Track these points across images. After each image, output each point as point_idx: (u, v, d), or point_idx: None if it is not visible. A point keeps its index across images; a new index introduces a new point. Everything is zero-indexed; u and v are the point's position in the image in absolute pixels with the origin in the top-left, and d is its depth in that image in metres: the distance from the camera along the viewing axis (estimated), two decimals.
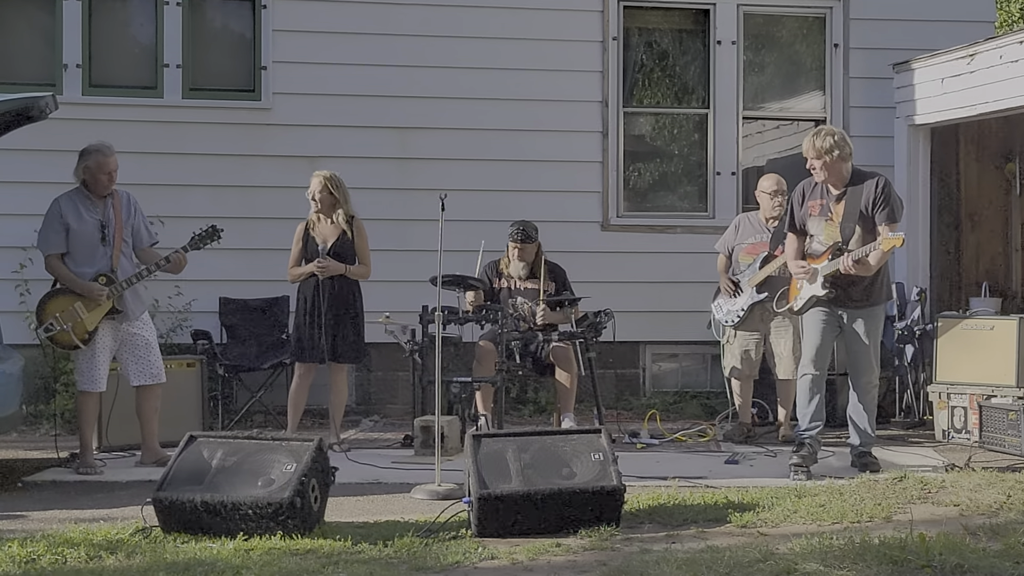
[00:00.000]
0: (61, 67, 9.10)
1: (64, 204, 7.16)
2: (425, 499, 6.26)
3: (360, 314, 7.89)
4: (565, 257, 8.56)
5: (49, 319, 7.05)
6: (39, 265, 7.29)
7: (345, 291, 7.80)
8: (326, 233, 7.83)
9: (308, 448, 5.51)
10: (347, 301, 7.81)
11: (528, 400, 9.38)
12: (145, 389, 7.33)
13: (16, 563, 4.87)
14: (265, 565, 4.77)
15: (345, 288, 7.80)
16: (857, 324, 7.02)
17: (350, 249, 7.83)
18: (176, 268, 7.36)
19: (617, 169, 9.77)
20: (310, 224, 7.88)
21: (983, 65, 8.68)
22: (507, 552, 5.05)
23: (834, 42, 9.99)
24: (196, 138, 9.20)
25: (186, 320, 8.98)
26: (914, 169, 9.52)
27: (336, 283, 7.76)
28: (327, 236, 7.81)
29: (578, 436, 5.86)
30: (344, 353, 7.85)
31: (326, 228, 7.84)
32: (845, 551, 4.86)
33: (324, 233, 7.83)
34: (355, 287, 7.88)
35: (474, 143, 9.48)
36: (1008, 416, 7.64)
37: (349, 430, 8.56)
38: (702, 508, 5.90)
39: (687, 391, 9.74)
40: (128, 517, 5.73)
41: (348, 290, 7.82)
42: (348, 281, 7.82)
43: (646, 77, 10.11)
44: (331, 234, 7.82)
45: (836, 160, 6.89)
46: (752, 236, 8.30)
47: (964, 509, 5.88)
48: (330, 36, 9.36)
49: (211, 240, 7.39)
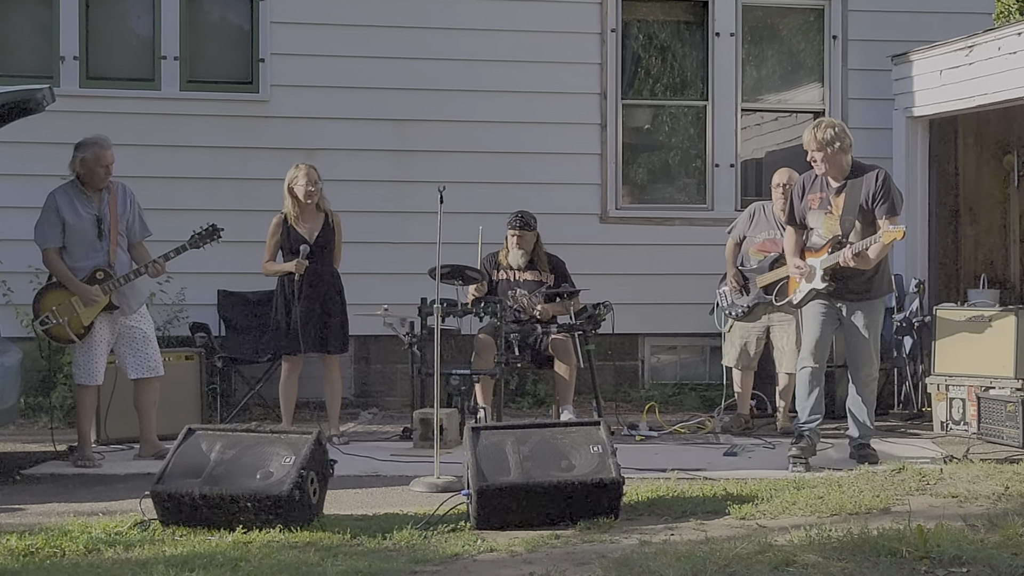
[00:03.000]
0: (58, 59, 9.08)
1: (60, 198, 7.13)
2: (424, 492, 6.26)
3: (345, 303, 7.88)
4: (564, 249, 8.55)
5: (46, 312, 7.04)
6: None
7: (329, 282, 7.77)
8: (311, 225, 7.78)
9: (307, 441, 5.51)
10: (333, 291, 7.79)
11: (527, 392, 9.38)
12: (143, 382, 7.33)
13: (14, 556, 4.87)
14: (264, 558, 4.77)
15: (328, 279, 7.77)
16: (856, 317, 7.02)
17: (332, 241, 7.83)
18: (154, 275, 7.33)
19: (616, 161, 9.76)
20: (289, 216, 7.79)
21: (981, 57, 8.67)
22: (506, 544, 5.05)
23: (832, 34, 9.98)
24: (194, 130, 9.18)
25: (184, 313, 8.97)
26: (912, 161, 9.51)
27: (320, 274, 7.72)
28: (312, 228, 7.78)
29: (577, 428, 5.86)
30: (334, 344, 7.82)
31: (311, 220, 7.79)
32: (844, 543, 4.86)
33: (309, 225, 7.78)
34: (338, 277, 7.87)
35: (472, 135, 9.47)
36: (1006, 407, 7.65)
37: (348, 422, 8.56)
38: (701, 500, 5.90)
39: (686, 383, 9.74)
40: (127, 510, 5.74)
41: (332, 280, 7.80)
42: (331, 271, 7.82)
43: (645, 69, 10.09)
44: (315, 226, 7.78)
45: (837, 152, 6.88)
46: (765, 231, 8.23)
47: (962, 500, 5.88)
48: (328, 28, 9.35)
49: (210, 239, 7.36)
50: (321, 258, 7.76)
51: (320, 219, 7.81)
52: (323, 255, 7.78)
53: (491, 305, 7.79)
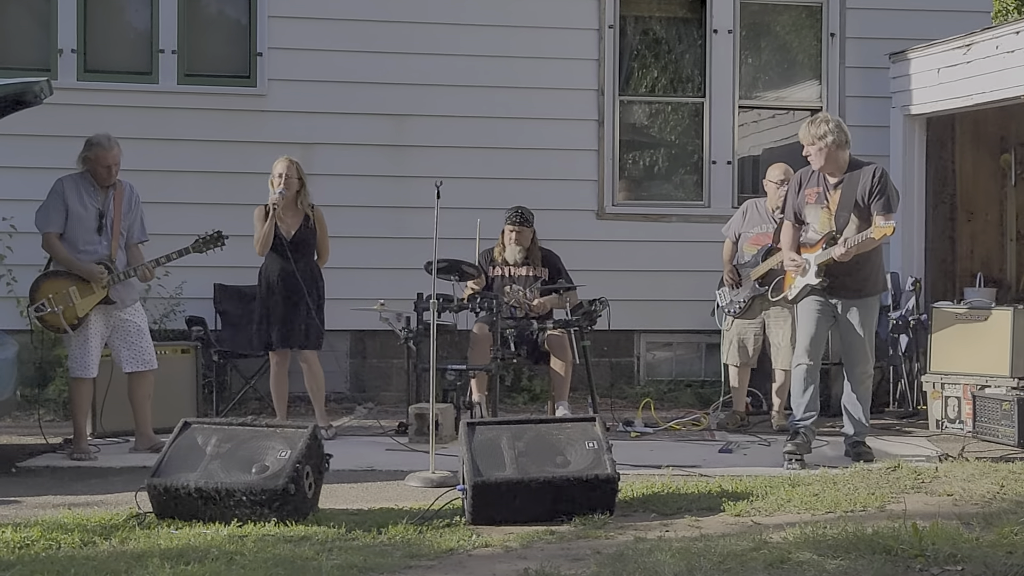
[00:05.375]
0: (56, 52, 9.07)
1: (67, 185, 7.15)
2: (419, 486, 6.26)
3: (322, 300, 7.83)
4: (560, 245, 8.56)
5: (41, 299, 7.02)
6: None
7: (306, 278, 7.70)
8: (289, 221, 7.72)
9: (303, 435, 5.51)
10: (312, 287, 7.72)
11: (523, 388, 9.38)
12: (137, 376, 7.32)
13: (10, 548, 4.87)
14: (259, 551, 4.77)
15: (306, 275, 7.71)
16: (851, 314, 7.02)
17: (312, 239, 7.79)
18: (142, 279, 7.35)
19: (613, 157, 9.76)
20: (270, 210, 7.70)
21: (979, 55, 8.68)
22: (501, 540, 5.05)
23: (830, 31, 9.98)
24: (191, 124, 9.17)
25: (180, 306, 8.96)
26: (910, 159, 9.52)
27: (297, 271, 7.66)
28: (290, 225, 7.71)
29: (572, 424, 5.87)
30: (308, 340, 7.76)
31: (288, 216, 7.72)
32: (838, 540, 4.86)
33: (287, 221, 7.71)
34: (318, 274, 7.84)
35: (470, 130, 9.46)
36: (1002, 406, 7.66)
37: (343, 417, 8.56)
38: (696, 497, 5.90)
39: (681, 380, 9.75)
40: (122, 503, 5.74)
41: (310, 277, 7.74)
42: (310, 268, 7.78)
43: (642, 65, 10.09)
44: (293, 223, 7.73)
45: (832, 147, 6.87)
46: (758, 225, 8.27)
47: (957, 499, 5.88)
48: (325, 23, 9.34)
49: (214, 245, 7.35)
50: (299, 255, 7.71)
51: (300, 216, 7.76)
52: (301, 252, 7.73)
53: (487, 300, 7.79)
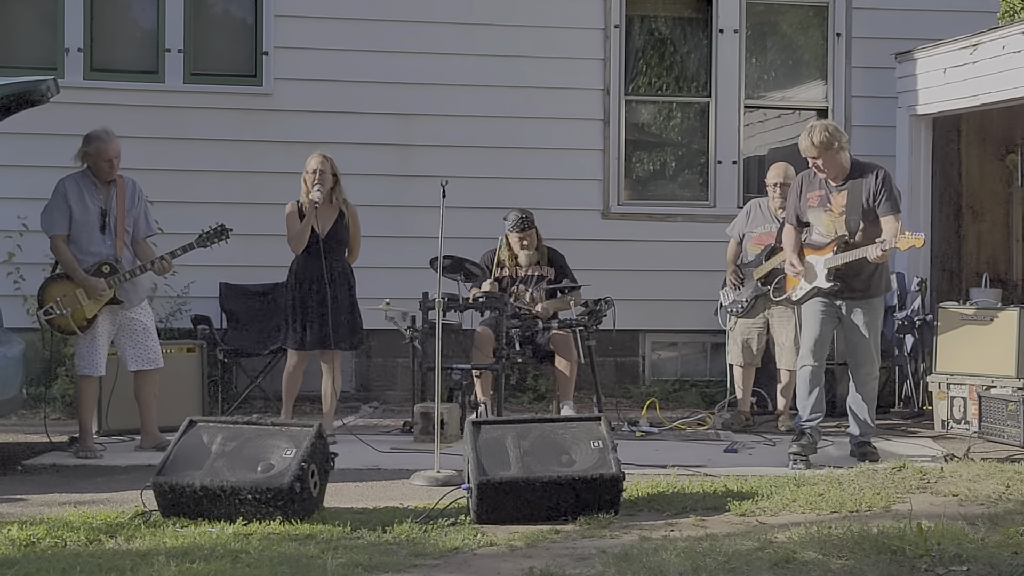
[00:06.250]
0: (63, 51, 9.08)
1: (69, 186, 7.16)
2: (424, 485, 6.27)
3: (356, 299, 7.74)
4: (566, 245, 8.54)
5: (50, 303, 7.04)
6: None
7: (340, 277, 7.63)
8: (323, 216, 7.61)
9: (308, 434, 5.51)
10: (345, 287, 7.65)
11: (528, 387, 9.38)
12: (143, 374, 7.33)
13: (16, 546, 4.88)
14: (264, 550, 4.78)
15: (340, 274, 7.64)
16: (856, 315, 7.02)
17: (346, 235, 7.72)
18: (160, 273, 7.34)
19: (618, 157, 9.75)
20: (302, 206, 7.60)
21: (986, 55, 8.66)
22: (506, 539, 5.06)
23: (836, 31, 9.96)
24: (197, 123, 9.18)
25: (186, 305, 8.97)
26: (915, 159, 9.50)
27: (334, 267, 7.61)
28: (324, 221, 7.61)
29: (577, 424, 5.87)
30: (342, 341, 7.66)
31: (324, 212, 7.61)
32: (844, 540, 4.86)
33: (321, 217, 7.59)
34: (351, 269, 7.76)
35: (476, 130, 9.46)
36: (1008, 407, 7.65)
37: (348, 416, 8.57)
38: (701, 496, 5.90)
39: (686, 379, 9.74)
40: (128, 501, 5.75)
41: (343, 276, 7.66)
42: (343, 266, 7.70)
43: (648, 65, 10.08)
44: (328, 219, 7.63)
45: (835, 152, 6.89)
46: (762, 225, 8.27)
47: (963, 499, 5.88)
48: (332, 22, 9.34)
49: (219, 239, 7.33)
50: (333, 252, 7.62)
51: (334, 212, 7.67)
52: (335, 249, 7.64)
53: (491, 300, 7.79)
